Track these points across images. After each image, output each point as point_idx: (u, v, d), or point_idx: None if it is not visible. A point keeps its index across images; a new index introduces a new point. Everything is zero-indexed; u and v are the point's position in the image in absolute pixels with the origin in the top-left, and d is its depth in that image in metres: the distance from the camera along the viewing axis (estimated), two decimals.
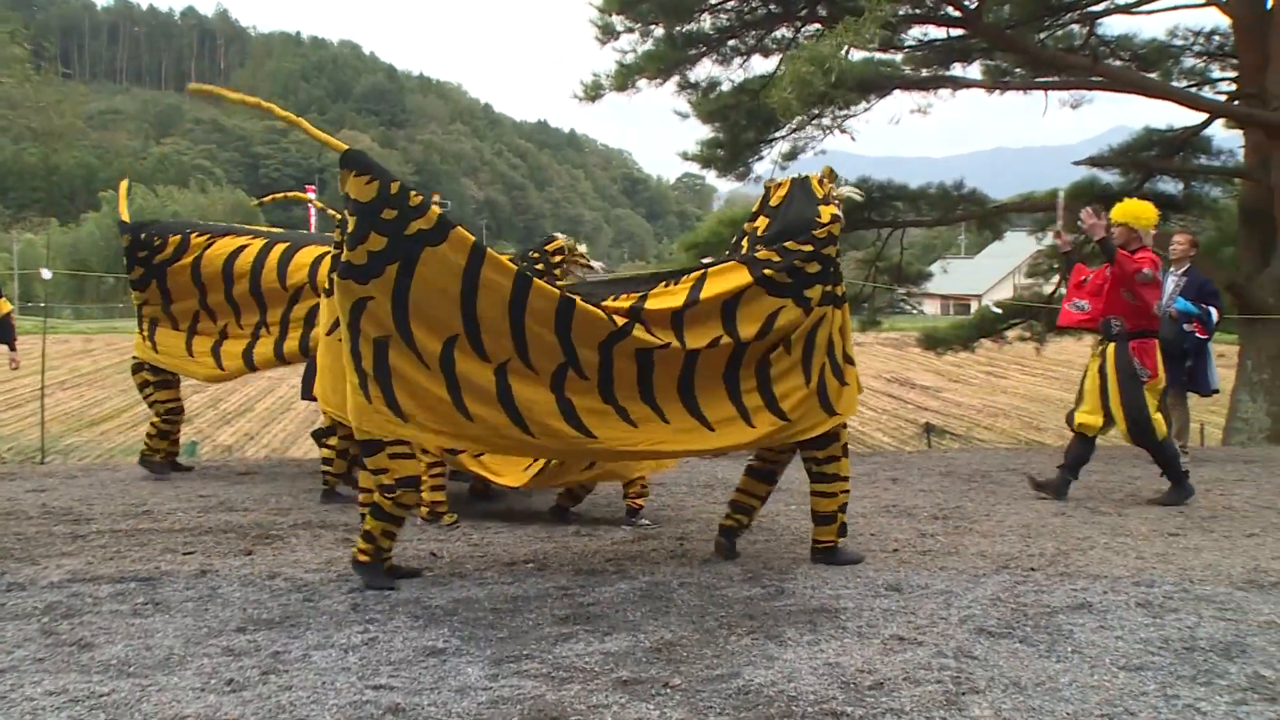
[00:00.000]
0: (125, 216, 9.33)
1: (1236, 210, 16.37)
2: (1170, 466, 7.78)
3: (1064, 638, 4.40)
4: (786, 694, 3.76)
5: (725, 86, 17.84)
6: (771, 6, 16.58)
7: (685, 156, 19.27)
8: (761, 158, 18.45)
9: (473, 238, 4.99)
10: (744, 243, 5.80)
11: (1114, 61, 17.54)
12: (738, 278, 5.40)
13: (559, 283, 6.24)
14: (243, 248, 8.63)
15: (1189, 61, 18.55)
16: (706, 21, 16.77)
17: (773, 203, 5.78)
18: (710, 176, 20.21)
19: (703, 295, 5.33)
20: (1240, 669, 4.01)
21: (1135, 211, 7.82)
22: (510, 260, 6.46)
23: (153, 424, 9.02)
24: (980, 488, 8.40)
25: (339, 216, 8.15)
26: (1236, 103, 16.25)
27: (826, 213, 5.58)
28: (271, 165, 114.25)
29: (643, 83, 16.92)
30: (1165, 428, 7.82)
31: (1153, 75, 17.82)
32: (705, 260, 5.93)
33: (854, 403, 5.77)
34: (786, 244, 5.50)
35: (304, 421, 24.52)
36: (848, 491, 5.86)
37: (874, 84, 16.30)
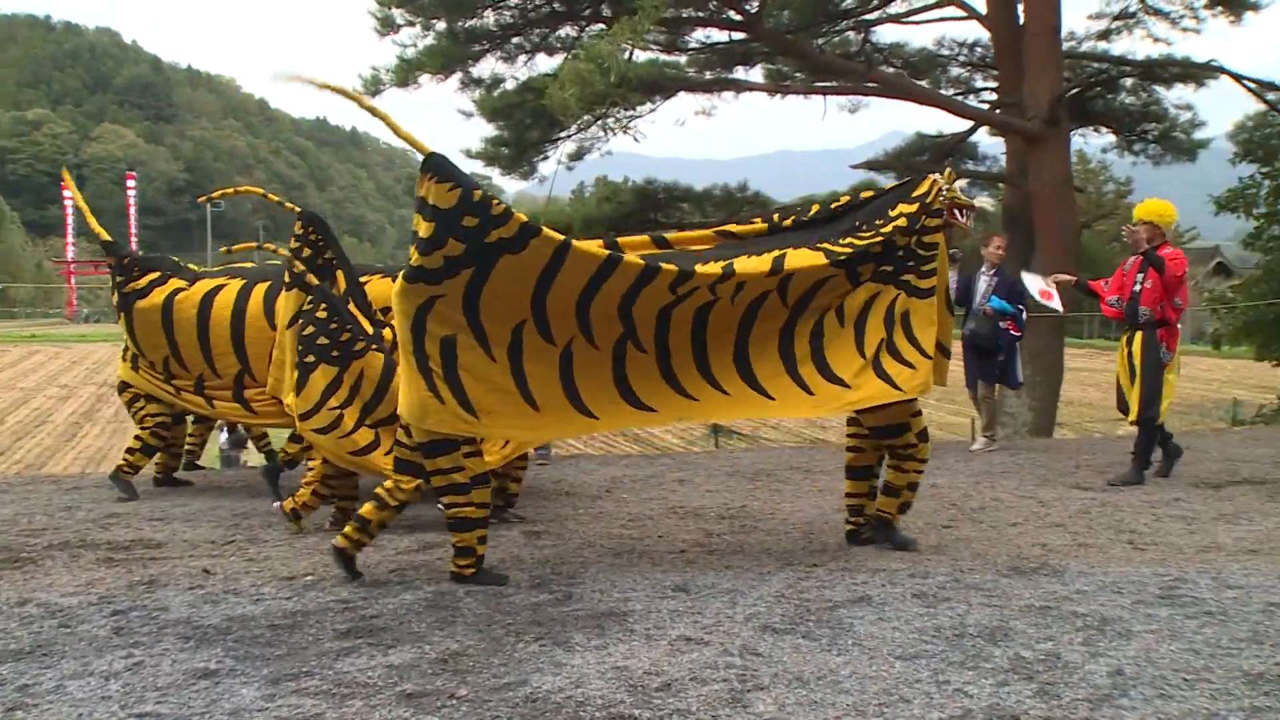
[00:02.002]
0: (105, 235, 8.62)
1: (1001, 214, 17.39)
2: (1145, 451, 8.71)
3: (845, 631, 4.58)
4: (574, 700, 3.79)
5: (510, 84, 17.85)
6: (555, 4, 16.67)
7: (469, 155, 19.17)
8: (547, 157, 18.56)
9: (559, 239, 5.12)
10: (831, 204, 6.16)
11: (887, 68, 18.38)
12: (814, 257, 5.70)
13: None
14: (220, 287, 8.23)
15: (955, 70, 19.66)
16: (490, 18, 16.73)
17: (887, 189, 6.22)
18: (496, 176, 20.22)
19: (785, 266, 5.62)
20: (1004, 652, 4.26)
21: (1159, 210, 8.59)
22: None
23: (137, 437, 8.44)
24: (765, 487, 8.63)
25: (298, 209, 7.91)
26: (998, 111, 17.25)
27: (899, 209, 5.87)
28: (22, 160, 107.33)
29: (425, 78, 16.75)
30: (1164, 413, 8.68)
31: (923, 82, 18.76)
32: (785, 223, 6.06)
33: (921, 385, 5.83)
34: (856, 227, 5.86)
35: (62, 435, 23.21)
36: (921, 473, 6.20)
37: (658, 85, 16.58)
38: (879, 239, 5.76)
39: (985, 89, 19.56)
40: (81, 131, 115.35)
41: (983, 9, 17.10)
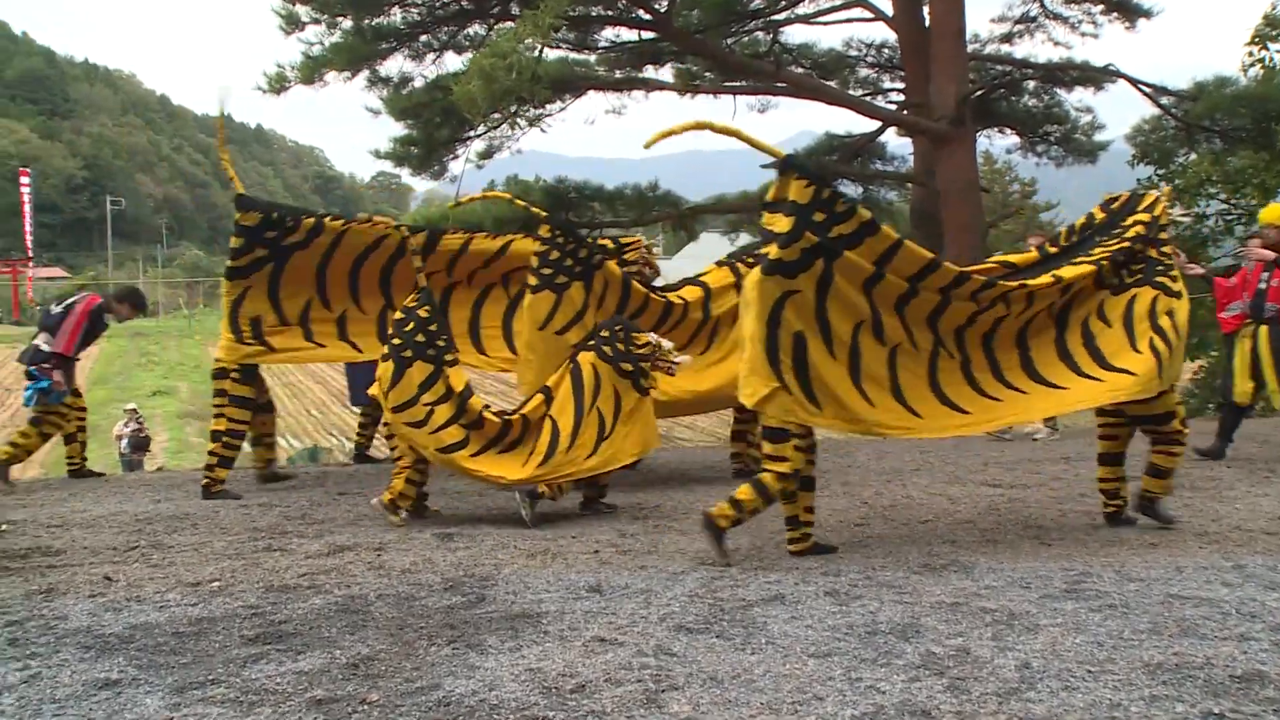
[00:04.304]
0: (241, 187, 8.52)
1: (909, 213, 17.66)
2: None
3: (759, 629, 4.61)
4: (488, 703, 3.76)
5: (418, 83, 17.69)
6: (463, 2, 16.55)
7: (378, 155, 19.00)
8: (457, 156, 18.43)
9: (893, 237, 5.74)
10: (1075, 225, 6.90)
11: (796, 69, 18.55)
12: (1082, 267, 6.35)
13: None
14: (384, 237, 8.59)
15: (863, 71, 19.92)
16: (397, 15, 16.56)
17: (1114, 206, 6.84)
18: (405, 175, 20.08)
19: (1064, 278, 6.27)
20: (915, 648, 4.32)
21: None
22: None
23: (211, 452, 8.37)
24: (679, 486, 8.67)
25: (544, 213, 8.59)
26: (905, 112, 17.50)
27: (1132, 219, 6.58)
28: None
29: (331, 76, 16.54)
30: None
31: (831, 83, 18.97)
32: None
33: (1176, 373, 6.42)
34: (1098, 240, 6.57)
35: None
36: (1182, 455, 6.71)
37: (568, 84, 16.57)
38: (1124, 245, 6.39)
39: (893, 90, 19.85)
40: None
41: (889, 11, 17.36)
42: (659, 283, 9.40)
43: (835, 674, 4.04)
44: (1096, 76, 18.39)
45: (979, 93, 18.10)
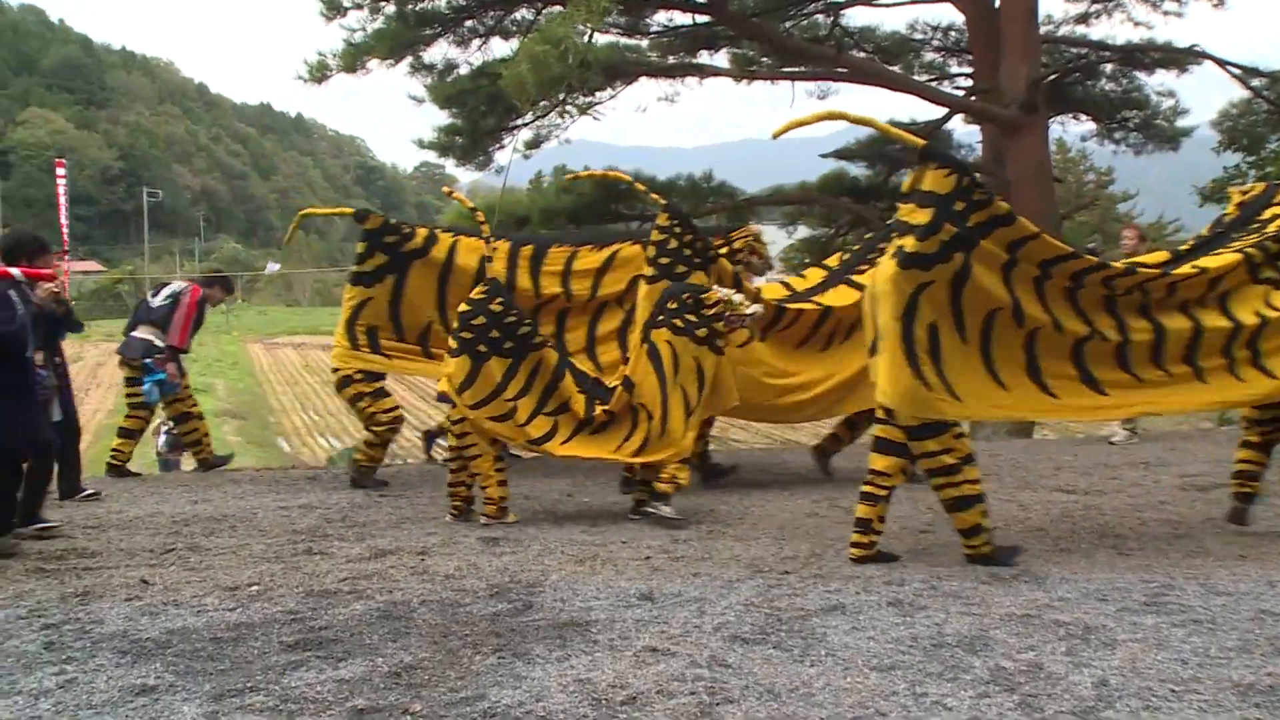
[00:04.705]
0: (350, 210, 9.26)
1: None
2: None
3: (818, 641, 4.58)
4: (535, 714, 3.76)
5: (463, 70, 17.75)
6: None
7: (421, 144, 19.10)
8: (503, 146, 18.47)
9: (1029, 230, 5.75)
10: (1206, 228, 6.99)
11: (858, 53, 18.43)
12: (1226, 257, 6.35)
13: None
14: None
15: (929, 56, 19.75)
16: (442, 0, 16.63)
17: (1245, 200, 6.92)
18: (449, 165, 20.28)
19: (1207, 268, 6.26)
20: (984, 662, 4.27)
21: None
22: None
23: (373, 432, 8.81)
24: (733, 490, 8.63)
25: (662, 201, 8.59)
26: (973, 98, 17.32)
27: (1267, 213, 6.59)
28: None
29: (374, 64, 16.64)
30: None
31: (895, 68, 18.83)
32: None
33: None
34: (1233, 236, 6.59)
35: None
36: None
37: (619, 69, 16.57)
38: (1269, 236, 6.36)
39: (960, 75, 19.68)
40: (6, 116, 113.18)
41: None
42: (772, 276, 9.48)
43: (899, 688, 4.00)
44: (1180, 58, 18.11)
45: (1052, 77, 17.87)
